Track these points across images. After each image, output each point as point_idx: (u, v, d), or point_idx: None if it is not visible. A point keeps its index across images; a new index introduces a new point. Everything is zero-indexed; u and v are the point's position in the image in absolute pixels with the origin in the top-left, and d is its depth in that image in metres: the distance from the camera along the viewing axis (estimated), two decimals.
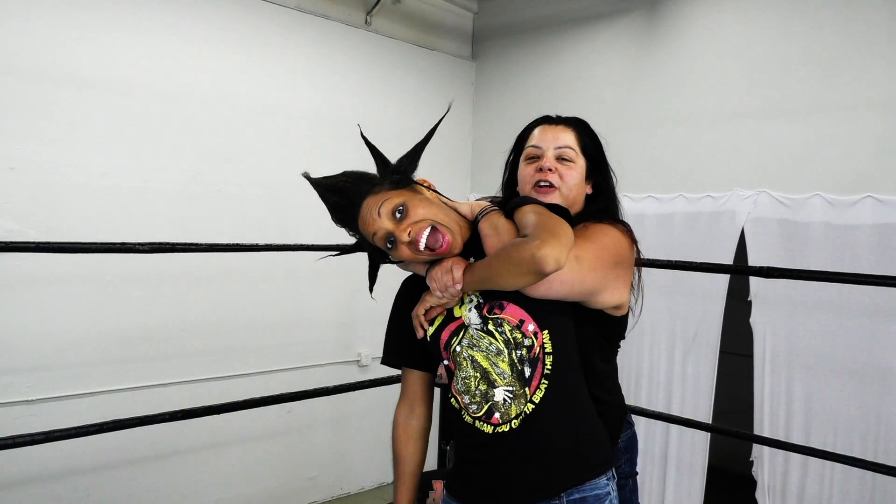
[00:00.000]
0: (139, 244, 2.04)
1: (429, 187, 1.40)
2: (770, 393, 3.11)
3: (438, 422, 2.49)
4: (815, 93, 3.11)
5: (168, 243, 2.11)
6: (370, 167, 1.43)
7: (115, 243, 2.05)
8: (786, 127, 3.19)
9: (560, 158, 1.48)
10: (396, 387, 1.60)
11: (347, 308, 3.93)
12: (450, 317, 1.38)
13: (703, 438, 3.31)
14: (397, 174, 1.36)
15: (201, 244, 2.23)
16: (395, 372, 1.58)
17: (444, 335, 1.38)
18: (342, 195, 1.34)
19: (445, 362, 1.40)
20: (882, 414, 2.81)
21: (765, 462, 3.11)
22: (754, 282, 3.13)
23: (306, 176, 1.37)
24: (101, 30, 2.96)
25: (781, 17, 3.23)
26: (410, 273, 1.50)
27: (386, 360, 1.54)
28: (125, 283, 3.05)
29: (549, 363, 1.33)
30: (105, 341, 3.02)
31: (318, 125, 3.77)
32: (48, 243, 1.91)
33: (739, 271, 3.11)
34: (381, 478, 4.15)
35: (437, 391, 1.60)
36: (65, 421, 2.29)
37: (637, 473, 1.69)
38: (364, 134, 1.41)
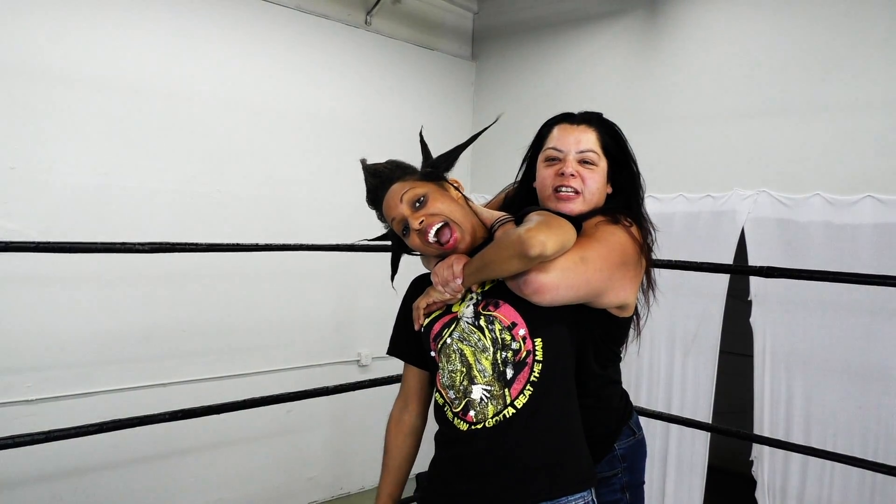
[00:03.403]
0: (139, 244, 2.04)
1: (457, 188, 1.45)
2: (770, 393, 3.11)
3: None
4: (815, 93, 3.11)
5: (168, 243, 2.10)
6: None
7: (115, 243, 2.05)
8: (786, 127, 3.19)
9: (582, 161, 1.44)
10: (396, 387, 1.60)
11: (347, 308, 3.93)
12: (447, 312, 1.41)
13: (703, 438, 3.30)
14: (430, 168, 1.43)
15: (201, 244, 2.22)
16: (396, 371, 1.59)
17: (437, 326, 1.40)
18: (377, 177, 1.44)
19: (432, 354, 1.41)
20: (882, 414, 2.81)
21: (765, 462, 3.11)
22: (754, 282, 3.13)
23: (362, 161, 1.49)
24: (101, 30, 2.95)
25: (781, 16, 3.23)
26: (420, 274, 1.54)
27: (391, 351, 1.57)
28: (125, 283, 3.05)
29: (537, 371, 1.32)
30: (105, 341, 3.02)
31: (318, 125, 3.77)
32: (48, 243, 1.91)
33: (739, 271, 3.10)
34: None
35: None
36: (65, 421, 2.28)
37: (642, 483, 1.59)
38: (422, 135, 1.52)
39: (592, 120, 1.50)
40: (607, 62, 3.91)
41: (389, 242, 1.53)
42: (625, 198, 1.51)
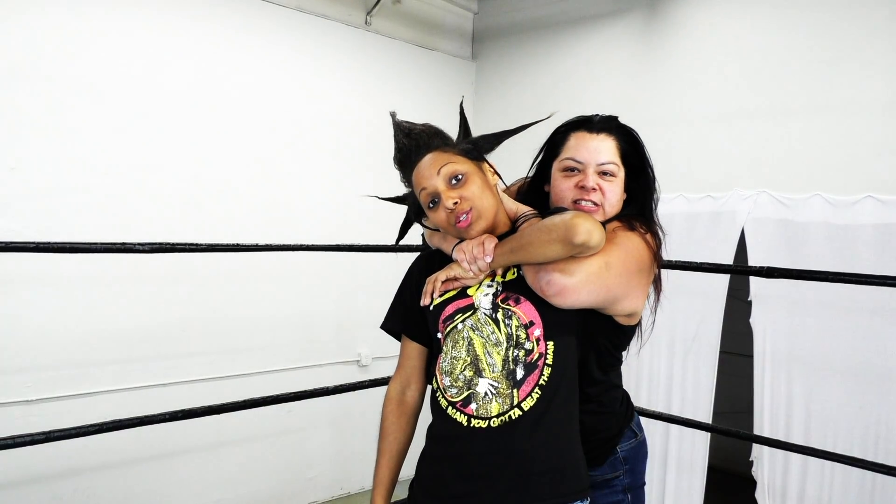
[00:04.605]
0: (139, 244, 2.03)
1: (495, 172, 1.41)
2: (770, 393, 3.10)
3: None
4: (815, 93, 3.11)
5: (168, 243, 2.10)
6: (369, 168, 1.44)
7: (115, 243, 2.04)
8: (786, 127, 3.19)
9: (602, 173, 1.41)
10: None
11: (347, 308, 3.93)
12: (462, 295, 1.36)
13: (703, 438, 3.30)
14: (471, 145, 1.38)
15: (201, 244, 2.21)
16: None
17: (450, 308, 1.35)
18: (412, 139, 1.35)
19: (438, 335, 1.37)
20: (882, 414, 2.81)
21: (765, 462, 3.11)
22: (754, 282, 3.13)
23: (392, 115, 1.40)
24: (101, 30, 2.96)
25: (781, 16, 3.23)
26: (427, 251, 1.51)
27: (385, 325, 1.51)
28: (125, 283, 3.05)
29: (546, 374, 1.30)
30: (105, 341, 3.02)
31: (318, 125, 3.76)
32: (48, 243, 1.90)
33: (739, 271, 3.10)
34: None
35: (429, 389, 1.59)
36: (65, 421, 2.28)
37: (643, 484, 1.59)
38: (462, 106, 1.45)
39: (612, 128, 1.45)
40: (607, 62, 3.91)
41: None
42: (639, 204, 1.49)
